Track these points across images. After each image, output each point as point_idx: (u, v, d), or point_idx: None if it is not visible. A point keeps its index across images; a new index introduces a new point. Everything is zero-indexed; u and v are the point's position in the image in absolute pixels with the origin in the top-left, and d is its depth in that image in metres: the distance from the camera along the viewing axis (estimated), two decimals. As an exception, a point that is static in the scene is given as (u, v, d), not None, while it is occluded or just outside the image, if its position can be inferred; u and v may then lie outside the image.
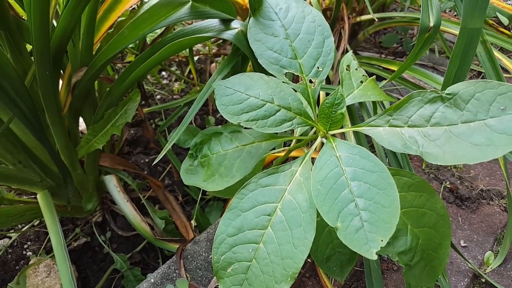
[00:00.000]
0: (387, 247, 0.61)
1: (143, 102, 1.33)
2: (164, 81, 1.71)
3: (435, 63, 1.53)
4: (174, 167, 1.22)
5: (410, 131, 0.53)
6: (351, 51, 0.82)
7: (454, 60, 0.62)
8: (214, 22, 0.62)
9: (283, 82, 0.60)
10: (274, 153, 0.71)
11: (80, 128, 1.07)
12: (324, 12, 1.28)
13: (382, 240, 0.45)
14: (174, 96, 1.61)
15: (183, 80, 1.65)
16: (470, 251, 0.96)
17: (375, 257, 0.44)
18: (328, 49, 0.62)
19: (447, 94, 0.52)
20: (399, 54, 1.74)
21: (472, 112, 0.50)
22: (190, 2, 0.58)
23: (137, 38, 0.62)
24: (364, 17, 1.37)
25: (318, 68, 0.61)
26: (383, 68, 1.14)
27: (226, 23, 0.63)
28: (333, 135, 0.58)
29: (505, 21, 1.44)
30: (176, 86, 1.65)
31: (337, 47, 1.22)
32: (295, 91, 0.60)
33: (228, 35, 0.62)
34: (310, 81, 0.61)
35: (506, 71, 1.21)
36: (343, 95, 0.56)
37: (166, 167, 1.30)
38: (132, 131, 1.43)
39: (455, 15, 1.77)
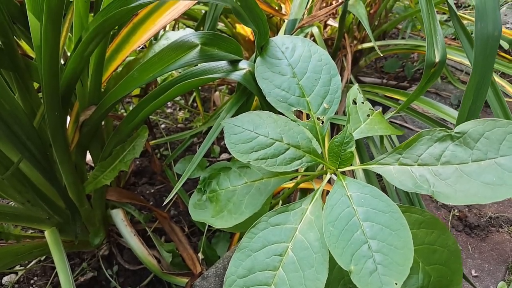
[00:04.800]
0: (399, 286, 0.60)
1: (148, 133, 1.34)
2: (168, 110, 1.72)
3: (437, 88, 1.54)
4: (179, 197, 1.22)
5: (421, 169, 0.53)
6: (357, 85, 0.83)
7: (468, 95, 0.63)
8: (222, 63, 0.63)
9: (291, 120, 0.61)
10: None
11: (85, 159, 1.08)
12: (326, 41, 1.29)
13: (396, 283, 0.45)
14: (179, 125, 1.62)
15: (187, 109, 1.66)
16: (482, 281, 0.95)
17: (390, 301, 0.43)
18: (335, 87, 0.63)
19: (456, 132, 0.52)
20: (401, 79, 1.75)
21: (482, 150, 0.50)
22: (200, 46, 0.58)
23: (147, 81, 0.63)
24: (365, 45, 1.38)
25: (325, 106, 0.62)
26: (386, 96, 1.14)
27: (233, 63, 0.64)
28: (342, 172, 0.58)
29: (505, 45, 1.45)
30: (181, 115, 1.67)
31: (340, 76, 1.22)
32: (299, 126, 0.60)
33: (236, 76, 0.62)
34: (318, 119, 0.62)
35: (507, 95, 1.21)
36: (352, 134, 0.56)
37: (172, 197, 1.29)
38: (138, 162, 1.43)
39: (454, 39, 1.79)
